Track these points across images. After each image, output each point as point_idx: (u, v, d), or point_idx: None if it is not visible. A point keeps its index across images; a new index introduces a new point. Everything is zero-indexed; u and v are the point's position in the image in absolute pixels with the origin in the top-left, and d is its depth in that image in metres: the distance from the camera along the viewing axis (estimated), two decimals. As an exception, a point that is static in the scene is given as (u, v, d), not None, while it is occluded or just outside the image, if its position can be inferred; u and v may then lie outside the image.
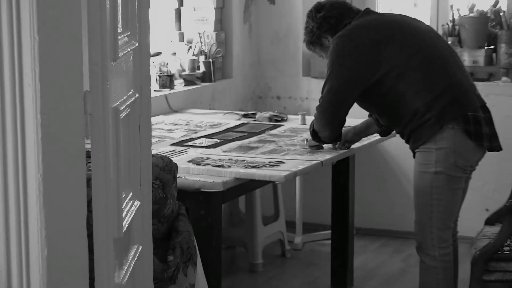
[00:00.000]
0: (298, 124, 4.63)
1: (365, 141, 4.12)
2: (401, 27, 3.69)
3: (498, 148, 3.64)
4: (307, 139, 3.99)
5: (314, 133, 3.82)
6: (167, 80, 5.06)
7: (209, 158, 3.77)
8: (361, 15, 3.74)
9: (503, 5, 5.45)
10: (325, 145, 3.94)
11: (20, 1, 1.68)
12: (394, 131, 3.92)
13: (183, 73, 5.28)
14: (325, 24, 3.75)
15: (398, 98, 3.58)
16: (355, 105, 3.72)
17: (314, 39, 3.80)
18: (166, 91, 5.04)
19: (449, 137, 3.53)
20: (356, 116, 4.09)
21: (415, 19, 3.85)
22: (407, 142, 3.68)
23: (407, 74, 3.56)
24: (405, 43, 3.62)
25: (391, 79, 3.57)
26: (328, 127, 3.73)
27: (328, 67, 3.66)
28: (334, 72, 3.63)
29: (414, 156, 3.64)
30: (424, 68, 3.58)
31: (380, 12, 3.94)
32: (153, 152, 2.84)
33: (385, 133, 4.02)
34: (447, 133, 3.53)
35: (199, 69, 5.35)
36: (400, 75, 3.56)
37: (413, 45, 3.62)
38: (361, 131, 4.01)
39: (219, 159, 3.76)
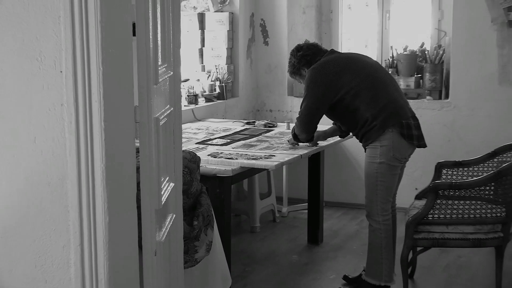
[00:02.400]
0: (285, 129, 4.61)
1: (331, 140, 4.11)
2: (355, 61, 3.67)
3: (424, 145, 3.63)
4: (289, 140, 3.97)
5: (294, 135, 3.81)
6: (193, 98, 5.05)
7: (222, 152, 3.76)
8: (328, 53, 3.72)
9: (427, 46, 5.44)
10: (302, 144, 3.94)
11: (90, 42, 1.67)
12: (350, 134, 3.91)
13: (204, 93, 5.27)
14: (303, 60, 3.73)
15: (354, 111, 3.56)
16: (324, 116, 3.71)
17: (295, 70, 3.79)
18: (192, 106, 5.02)
19: (389, 138, 3.51)
20: (324, 124, 4.08)
21: (365, 56, 3.83)
22: (360, 141, 3.66)
23: (360, 93, 3.54)
24: (358, 72, 3.60)
25: (349, 97, 3.55)
26: (304, 132, 3.73)
27: (304, 90, 3.64)
28: (308, 94, 3.61)
29: (365, 151, 3.63)
30: (371, 90, 3.56)
31: (341, 51, 3.92)
32: (183, 148, 2.82)
33: (344, 135, 4.01)
34: (388, 135, 3.51)
35: (215, 91, 5.33)
36: (355, 94, 3.54)
37: (364, 73, 3.60)
38: (329, 134, 4.00)
39: (229, 153, 3.74)
